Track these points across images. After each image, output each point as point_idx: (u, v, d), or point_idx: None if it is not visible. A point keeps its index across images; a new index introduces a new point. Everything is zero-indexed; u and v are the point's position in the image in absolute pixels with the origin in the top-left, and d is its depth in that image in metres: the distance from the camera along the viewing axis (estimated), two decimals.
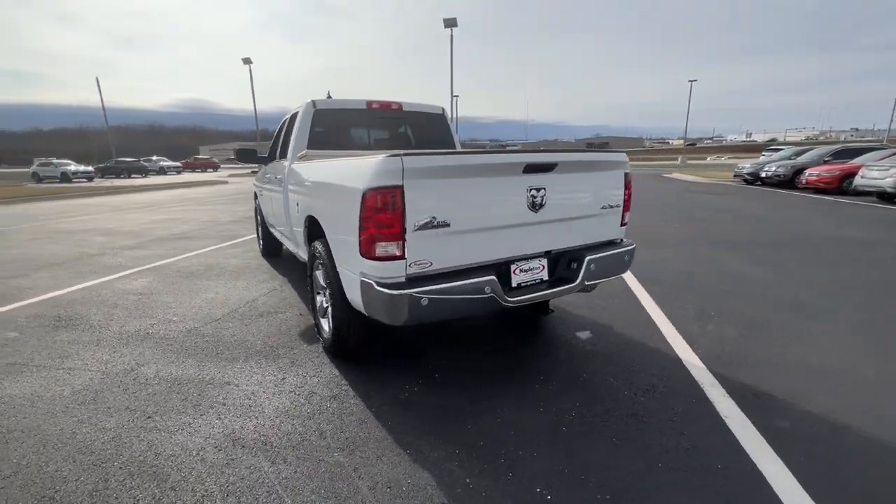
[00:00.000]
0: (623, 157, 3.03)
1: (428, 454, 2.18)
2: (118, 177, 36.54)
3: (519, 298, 2.60)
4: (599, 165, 2.90)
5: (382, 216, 2.17)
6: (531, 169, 2.53)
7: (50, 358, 3.29)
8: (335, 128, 4.23)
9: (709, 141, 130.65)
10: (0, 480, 2.03)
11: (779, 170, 16.97)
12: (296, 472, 2.07)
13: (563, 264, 2.93)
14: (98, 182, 30.63)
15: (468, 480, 1.99)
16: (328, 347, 3.20)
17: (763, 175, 17.70)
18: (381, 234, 2.19)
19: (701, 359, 3.15)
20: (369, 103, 4.31)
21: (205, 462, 2.14)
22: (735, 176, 21.13)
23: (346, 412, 2.55)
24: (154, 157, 44.65)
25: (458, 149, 4.86)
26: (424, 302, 2.27)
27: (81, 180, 31.08)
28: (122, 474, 2.06)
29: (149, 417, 2.52)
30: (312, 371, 3.04)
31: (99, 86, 40.13)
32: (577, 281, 2.80)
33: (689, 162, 46.89)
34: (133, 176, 37.09)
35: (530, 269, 2.76)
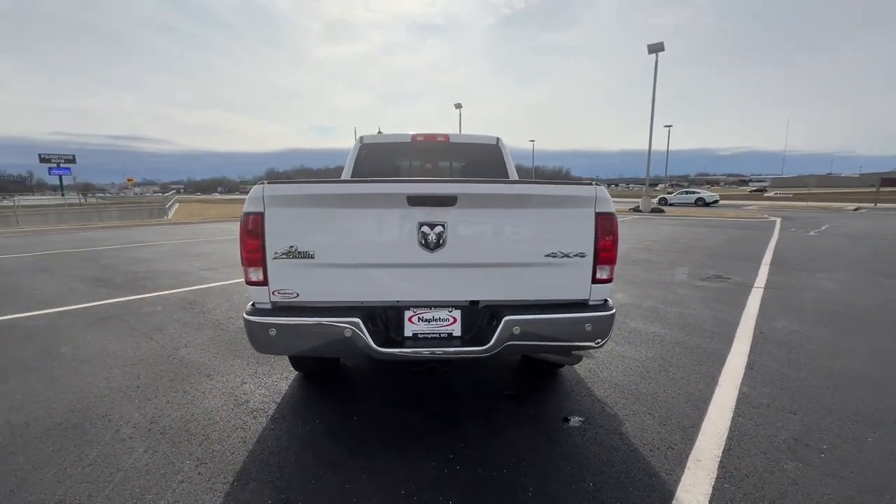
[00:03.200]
0: (590, 190, 2.23)
1: (242, 496, 2.06)
2: None
3: (400, 352, 2.21)
4: (538, 201, 2.21)
5: (250, 241, 2.22)
6: (419, 201, 2.15)
7: (153, 329, 4.48)
8: (381, 161, 4.47)
9: None
10: (26, 398, 2.92)
11: None
12: (148, 464, 2.28)
13: (483, 321, 2.34)
14: None
15: None
16: None
17: None
18: (248, 258, 2.24)
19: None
20: (414, 136, 4.40)
21: (116, 435, 2.56)
22: None
23: (246, 428, 2.64)
24: None
25: (513, 179, 4.42)
26: (272, 332, 2.19)
27: None
28: (71, 424, 2.67)
29: (137, 387, 3.17)
30: (272, 382, 3.25)
31: (356, 134, 52.44)
32: (487, 345, 2.18)
33: None
34: None
35: (434, 320, 2.31)
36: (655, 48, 24.84)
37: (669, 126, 45.62)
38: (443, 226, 2.18)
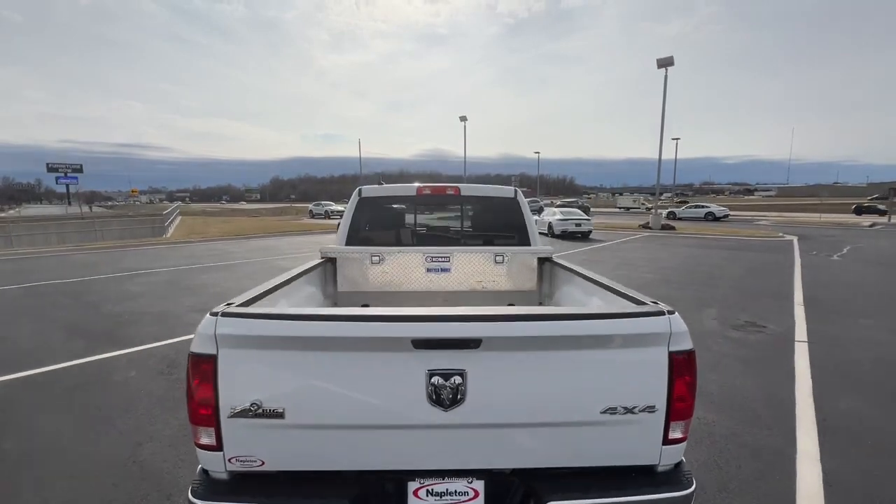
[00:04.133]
0: (662, 324, 1.64)
1: None
2: None
3: None
4: (593, 341, 1.62)
5: (199, 392, 1.64)
6: (428, 344, 1.57)
7: (120, 408, 3.89)
8: (381, 218, 3.91)
9: None
10: None
11: None
12: None
13: (516, 496, 1.73)
14: None
15: None
16: None
17: None
18: (196, 414, 1.65)
19: None
20: (419, 189, 3.84)
21: None
22: None
23: None
24: None
25: (535, 243, 3.83)
26: None
27: (336, 217, 40.61)
28: None
29: None
30: None
31: (360, 146, 52.32)
32: None
33: None
34: None
35: (448, 494, 1.71)
36: (665, 62, 24.35)
37: (677, 139, 45.14)
38: (461, 375, 1.58)
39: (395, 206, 3.95)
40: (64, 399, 4.10)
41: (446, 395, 1.58)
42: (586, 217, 21.45)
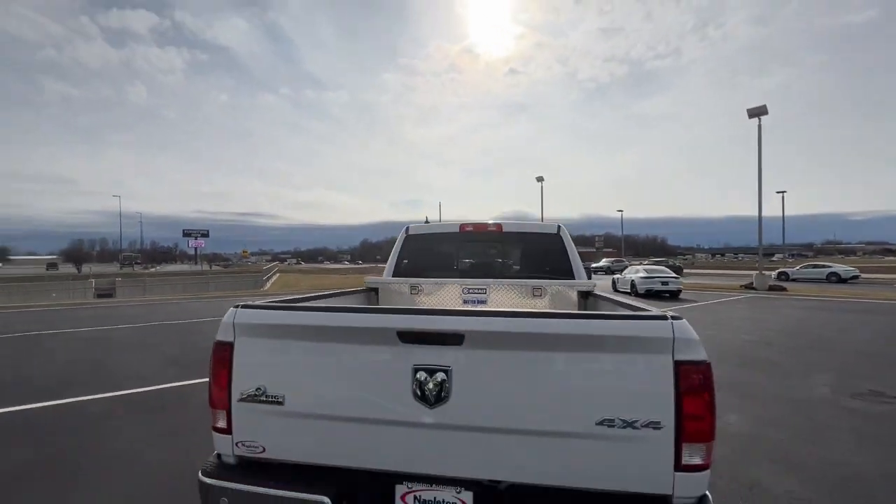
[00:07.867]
0: (664, 327, 1.49)
1: None
2: None
3: None
4: (581, 343, 1.53)
5: (219, 378, 1.83)
6: (414, 338, 1.60)
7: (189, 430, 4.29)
8: (426, 253, 4.10)
9: None
10: None
11: None
12: None
13: None
14: None
15: None
16: None
17: None
18: (214, 398, 1.84)
19: None
20: (462, 226, 3.99)
21: None
22: None
23: None
24: None
25: (579, 276, 3.72)
26: (224, 502, 1.69)
27: None
28: None
29: None
30: None
31: (440, 208, 55.18)
32: None
33: None
34: None
35: (437, 503, 1.64)
36: (757, 112, 22.87)
37: (783, 192, 40.85)
38: (445, 372, 1.59)
39: (439, 242, 4.14)
40: (139, 421, 4.63)
41: (430, 391, 1.58)
42: (674, 275, 19.82)
